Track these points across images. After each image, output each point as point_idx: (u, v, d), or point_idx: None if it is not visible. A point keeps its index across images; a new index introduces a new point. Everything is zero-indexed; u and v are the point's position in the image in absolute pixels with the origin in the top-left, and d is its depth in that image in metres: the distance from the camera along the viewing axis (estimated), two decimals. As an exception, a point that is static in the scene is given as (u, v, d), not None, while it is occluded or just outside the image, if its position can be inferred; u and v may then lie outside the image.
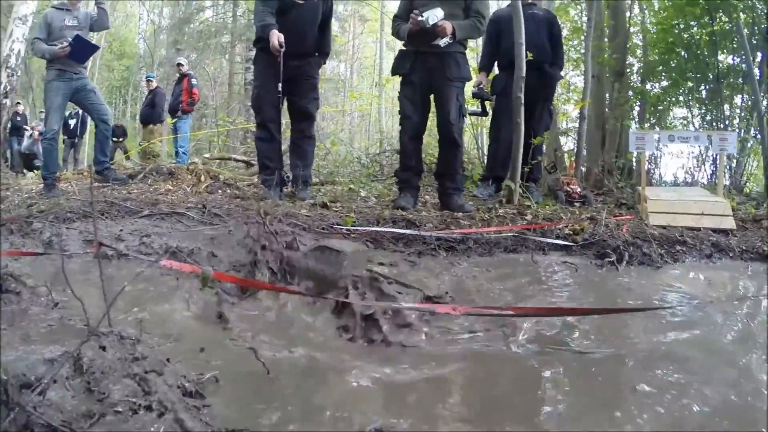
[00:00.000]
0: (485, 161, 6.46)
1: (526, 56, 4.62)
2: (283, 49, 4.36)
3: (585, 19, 11.62)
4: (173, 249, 2.51)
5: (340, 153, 8.30)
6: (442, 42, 4.12)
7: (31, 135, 11.60)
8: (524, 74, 4.61)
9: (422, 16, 4.03)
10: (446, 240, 3.09)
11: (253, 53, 11.80)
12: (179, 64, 9.98)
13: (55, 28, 5.37)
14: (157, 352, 1.45)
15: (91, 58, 5.80)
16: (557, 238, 3.54)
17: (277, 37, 4.32)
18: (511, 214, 4.13)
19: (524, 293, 2.38)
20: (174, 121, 9.48)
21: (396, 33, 4.46)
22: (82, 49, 5.36)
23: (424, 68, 4.26)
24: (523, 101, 4.61)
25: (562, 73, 6.33)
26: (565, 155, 8.86)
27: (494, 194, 5.30)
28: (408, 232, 3.05)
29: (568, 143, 10.54)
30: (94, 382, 1.27)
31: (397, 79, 4.56)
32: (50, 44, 5.31)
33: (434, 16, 4.04)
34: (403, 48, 4.46)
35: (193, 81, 9.56)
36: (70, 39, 5.25)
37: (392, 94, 13.41)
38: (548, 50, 5.40)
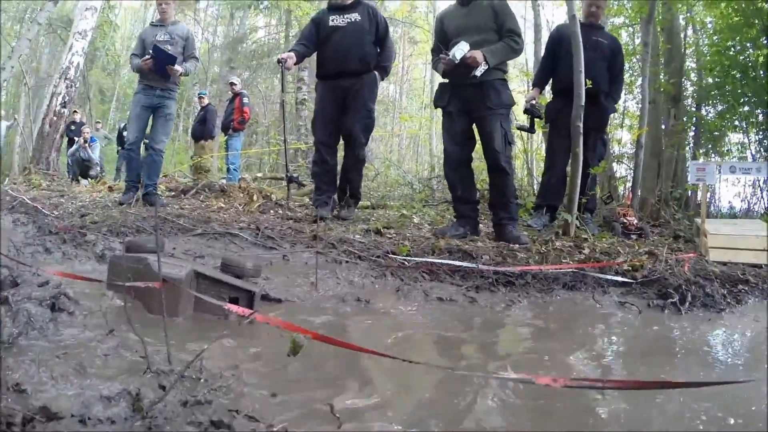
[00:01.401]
0: (537, 189, 6.32)
1: (585, 84, 4.48)
2: (283, 65, 4.68)
3: (637, 41, 11.41)
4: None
5: (389, 175, 8.27)
6: (478, 72, 4.05)
7: (78, 142, 11.86)
8: (583, 103, 4.46)
9: (449, 54, 4.02)
10: (504, 274, 2.98)
11: (304, 73, 12.02)
12: (232, 83, 10.14)
13: (148, 44, 5.54)
14: (220, 395, 1.38)
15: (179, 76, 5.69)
16: (616, 274, 3.39)
17: (281, 56, 4.74)
18: (568, 247, 3.98)
19: (592, 346, 2.23)
20: (226, 138, 9.64)
21: (435, 69, 4.53)
22: (163, 61, 5.39)
23: (461, 100, 4.25)
24: (581, 131, 4.46)
25: (616, 105, 6.10)
26: (618, 182, 8.62)
27: (548, 224, 5.15)
28: (465, 264, 2.94)
29: (620, 170, 10.29)
30: (156, 428, 1.20)
31: None
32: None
33: (460, 50, 4.01)
34: (442, 81, 4.46)
35: (245, 100, 9.72)
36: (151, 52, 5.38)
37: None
38: (606, 81, 5.22)
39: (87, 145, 11.57)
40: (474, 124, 4.32)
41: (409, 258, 3.00)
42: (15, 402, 1.22)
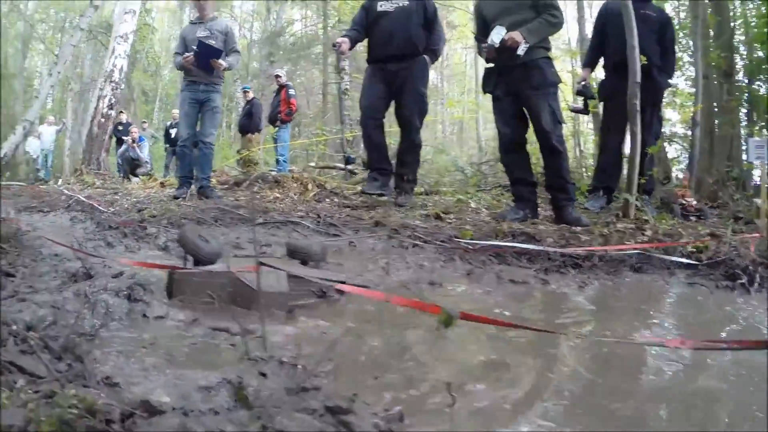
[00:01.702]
0: (591, 171, 6.19)
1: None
2: (338, 49, 4.89)
3: (682, 16, 10.99)
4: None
5: (437, 162, 8.24)
6: (520, 51, 4.00)
7: (127, 141, 12.15)
8: (639, 80, 4.32)
9: (487, 42, 4.02)
10: (571, 257, 2.92)
11: (344, 63, 12.09)
12: (277, 76, 10.21)
13: (189, 42, 5.59)
14: (322, 381, 1.33)
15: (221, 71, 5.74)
16: (681, 255, 3.30)
17: (336, 41, 4.93)
18: (630, 229, 3.88)
19: (676, 323, 2.18)
20: (275, 130, 9.77)
21: (480, 56, 4.51)
22: (207, 56, 5.40)
23: (507, 83, 4.22)
24: (639, 108, 4.33)
25: (671, 81, 5.91)
26: (671, 163, 8.35)
27: (605, 206, 5.04)
28: (532, 247, 2.90)
29: (670, 150, 9.96)
30: (267, 418, 1.08)
31: None
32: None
33: (497, 35, 3.98)
34: (487, 66, 4.43)
35: (291, 91, 9.84)
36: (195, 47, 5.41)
37: (487, 101, 13.27)
38: (657, 55, 5.07)
39: (136, 144, 11.88)
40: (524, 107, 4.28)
41: (476, 242, 2.97)
42: (108, 397, 1.15)
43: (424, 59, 4.96)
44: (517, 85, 4.16)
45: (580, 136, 7.78)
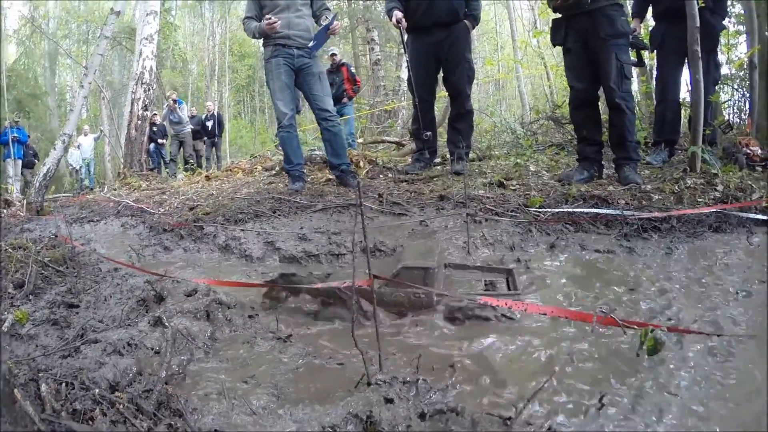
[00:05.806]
0: (650, 124, 5.93)
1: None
2: (402, 25, 4.64)
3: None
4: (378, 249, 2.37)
5: (481, 124, 8.02)
6: None
7: (168, 104, 12.48)
8: (698, 23, 4.06)
9: None
10: (649, 220, 2.77)
11: (373, 33, 11.88)
12: (333, 54, 9.78)
13: (266, 3, 4.53)
14: (453, 394, 1.19)
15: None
16: (756, 212, 3.11)
17: (395, 17, 4.66)
18: (701, 184, 3.68)
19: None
20: (338, 108, 9.73)
21: (549, 6, 4.28)
22: (318, 37, 4.50)
23: (577, 32, 3.99)
24: (699, 55, 4.08)
25: (725, 23, 5.56)
26: (721, 107, 7.91)
27: (668, 160, 4.84)
28: (610, 212, 2.76)
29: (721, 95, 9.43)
30: None
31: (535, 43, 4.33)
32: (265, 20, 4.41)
33: None
34: (554, 17, 4.22)
35: (352, 69, 9.72)
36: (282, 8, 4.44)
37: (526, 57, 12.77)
38: None
39: (176, 106, 12.24)
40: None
41: (549, 210, 2.85)
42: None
43: (465, 24, 4.84)
44: (585, 35, 3.93)
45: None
